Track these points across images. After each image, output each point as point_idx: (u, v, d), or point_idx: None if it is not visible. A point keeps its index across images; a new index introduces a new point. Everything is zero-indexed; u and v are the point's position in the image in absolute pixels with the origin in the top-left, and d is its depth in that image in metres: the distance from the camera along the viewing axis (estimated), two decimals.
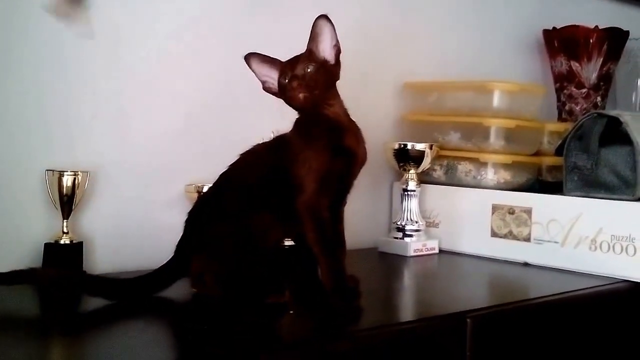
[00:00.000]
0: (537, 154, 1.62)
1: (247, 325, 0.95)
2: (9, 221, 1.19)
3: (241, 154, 1.12)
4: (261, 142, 1.12)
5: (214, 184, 1.12)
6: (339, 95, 1.11)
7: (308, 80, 1.05)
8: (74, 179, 1.19)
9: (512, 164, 1.54)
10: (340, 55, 1.10)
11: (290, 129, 1.11)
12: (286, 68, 1.07)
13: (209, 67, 1.39)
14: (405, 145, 1.52)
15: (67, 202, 1.19)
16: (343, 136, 1.08)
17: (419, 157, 1.53)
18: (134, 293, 1.06)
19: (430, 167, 1.57)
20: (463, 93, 1.59)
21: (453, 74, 1.72)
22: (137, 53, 1.31)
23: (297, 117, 1.11)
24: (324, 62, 1.08)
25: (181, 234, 1.10)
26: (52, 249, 1.18)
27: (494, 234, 1.48)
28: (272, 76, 1.09)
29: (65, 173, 1.19)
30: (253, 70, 1.11)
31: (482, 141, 1.54)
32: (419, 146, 1.52)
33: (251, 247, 1.05)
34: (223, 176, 1.11)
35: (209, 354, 0.83)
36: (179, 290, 1.08)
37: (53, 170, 1.19)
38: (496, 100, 1.54)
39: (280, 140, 1.12)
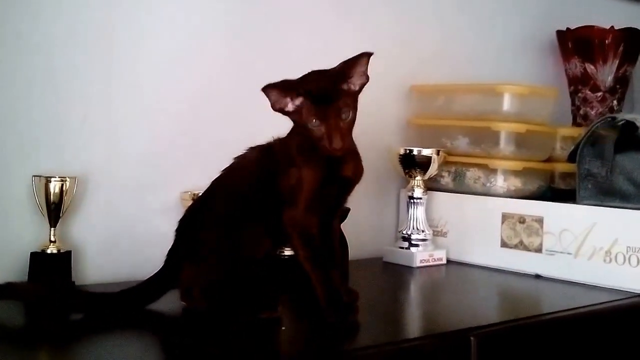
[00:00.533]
0: (550, 160, 1.56)
1: (235, 343, 0.90)
2: None
3: (234, 159, 1.06)
4: (256, 145, 1.06)
5: (206, 191, 1.07)
6: None
7: (347, 136, 0.97)
8: (62, 185, 1.14)
9: (522, 171, 1.48)
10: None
11: (287, 135, 1.05)
12: (319, 111, 0.95)
13: (206, 70, 1.34)
14: (411, 151, 1.46)
15: (54, 210, 1.15)
16: (341, 167, 1.01)
17: (425, 163, 1.47)
18: (122, 307, 1.01)
19: (437, 173, 1.51)
20: (471, 96, 1.53)
21: (463, 76, 1.66)
22: (131, 56, 1.26)
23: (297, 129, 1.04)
24: (354, 94, 0.99)
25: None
26: (38, 259, 1.14)
27: (503, 244, 1.42)
28: (280, 99, 0.98)
29: (52, 179, 1.14)
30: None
31: (491, 147, 1.48)
32: (426, 152, 1.46)
33: (242, 259, 1.00)
34: (215, 183, 1.06)
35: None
36: (169, 302, 1.02)
37: (40, 176, 1.15)
38: (506, 103, 1.48)
39: (276, 147, 1.05)
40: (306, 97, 0.96)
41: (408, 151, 1.47)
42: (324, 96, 0.96)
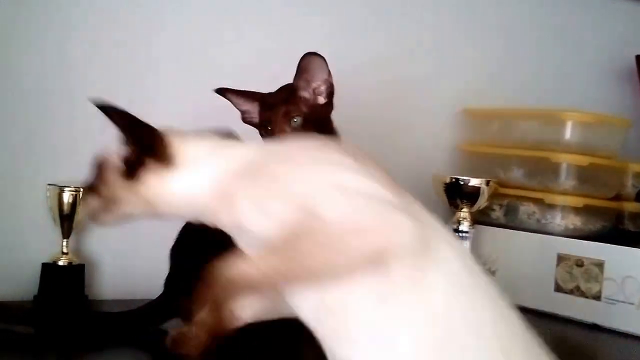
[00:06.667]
0: (618, 198, 1.41)
1: None
2: (9, 238, 1.11)
3: None
4: None
5: None
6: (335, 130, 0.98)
7: None
8: (75, 195, 1.10)
9: (583, 208, 1.34)
10: (334, 93, 0.96)
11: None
12: (267, 114, 0.94)
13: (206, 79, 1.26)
14: (458, 180, 1.34)
15: (67, 220, 1.11)
16: None
17: (473, 194, 1.34)
18: (122, 327, 0.95)
19: (487, 206, 1.38)
20: (530, 123, 1.40)
21: (526, 101, 1.52)
22: (152, 63, 1.21)
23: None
24: (313, 106, 0.94)
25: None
26: (49, 270, 1.10)
27: (558, 289, 1.28)
28: (252, 109, 0.97)
29: (66, 188, 1.10)
30: (231, 102, 0.99)
31: (549, 180, 1.34)
32: (474, 181, 1.34)
33: None
34: None
35: None
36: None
37: (54, 185, 1.11)
38: (569, 132, 1.35)
39: None
40: (260, 99, 0.96)
41: (454, 180, 1.34)
42: (276, 101, 0.94)
